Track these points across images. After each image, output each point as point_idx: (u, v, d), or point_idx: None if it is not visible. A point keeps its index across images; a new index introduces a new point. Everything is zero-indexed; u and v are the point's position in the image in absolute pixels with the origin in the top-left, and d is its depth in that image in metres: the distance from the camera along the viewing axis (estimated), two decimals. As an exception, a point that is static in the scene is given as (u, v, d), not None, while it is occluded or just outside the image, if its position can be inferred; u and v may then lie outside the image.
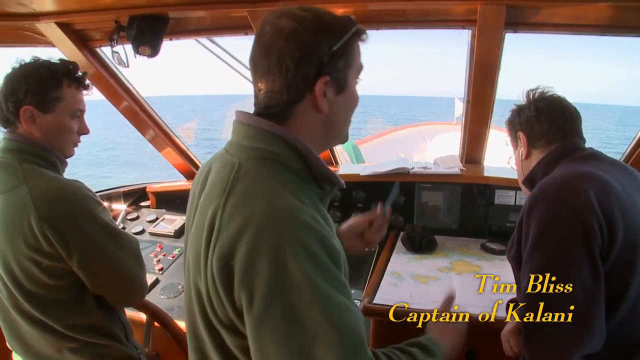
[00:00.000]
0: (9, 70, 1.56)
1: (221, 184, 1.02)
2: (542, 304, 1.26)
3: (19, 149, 1.54)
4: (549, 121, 1.56)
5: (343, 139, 1.17)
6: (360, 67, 1.10)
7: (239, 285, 0.92)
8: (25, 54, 1.59)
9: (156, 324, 1.91)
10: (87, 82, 1.65)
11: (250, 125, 1.06)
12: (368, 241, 1.55)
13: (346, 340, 0.89)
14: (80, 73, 1.63)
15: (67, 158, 1.66)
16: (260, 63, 1.04)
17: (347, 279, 1.04)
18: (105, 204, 2.68)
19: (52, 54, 1.63)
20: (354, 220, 1.56)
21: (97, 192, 2.64)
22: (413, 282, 2.10)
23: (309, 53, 1.01)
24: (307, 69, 1.02)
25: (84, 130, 1.67)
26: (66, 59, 1.64)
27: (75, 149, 1.69)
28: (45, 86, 1.54)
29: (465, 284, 2.07)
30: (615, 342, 1.30)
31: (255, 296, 0.89)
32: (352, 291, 2.18)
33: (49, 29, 2.30)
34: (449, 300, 1.41)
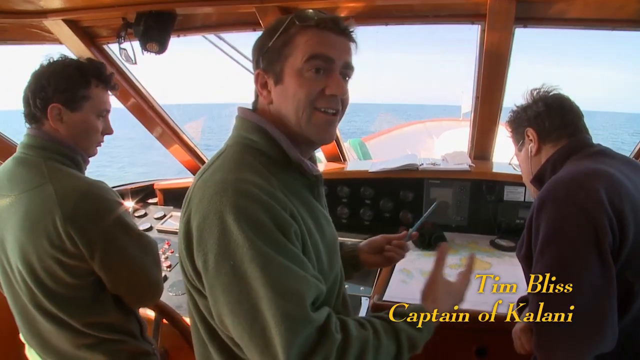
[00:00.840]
0: (36, 68, 1.57)
1: (206, 164, 1.17)
2: (553, 304, 1.25)
3: (44, 146, 1.55)
4: (559, 115, 1.55)
5: (308, 133, 1.16)
6: (307, 56, 1.11)
7: (196, 248, 1.02)
8: (33, 51, 1.60)
9: (164, 320, 1.91)
10: (114, 82, 1.67)
11: (238, 116, 1.22)
12: (389, 258, 1.61)
13: (283, 300, 0.94)
14: (108, 73, 1.65)
15: (89, 157, 1.67)
16: None
17: (326, 267, 1.16)
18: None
19: (59, 51, 1.62)
20: (375, 237, 1.64)
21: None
22: (422, 279, 2.05)
23: (254, 51, 1.22)
24: (254, 65, 1.22)
25: (109, 131, 1.69)
26: (92, 58, 1.68)
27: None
28: (74, 85, 1.55)
29: (475, 281, 2.06)
30: (628, 342, 1.29)
31: (208, 257, 0.99)
32: (361, 288, 2.19)
33: (56, 26, 2.30)
34: (471, 260, 1.44)
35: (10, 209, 1.51)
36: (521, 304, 1.66)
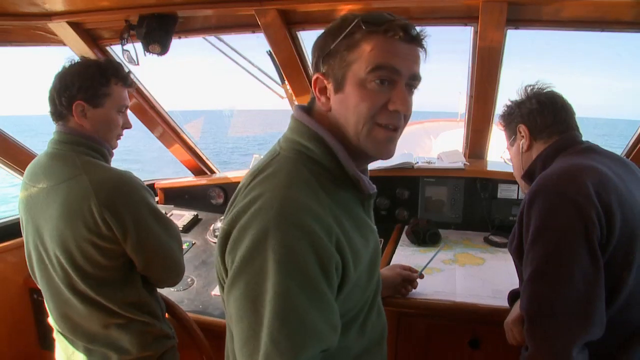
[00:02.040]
0: (59, 69, 1.69)
1: (258, 166, 1.10)
2: (543, 294, 1.30)
3: (73, 141, 1.68)
4: (551, 113, 1.58)
5: (366, 148, 1.09)
6: (372, 66, 1.03)
7: (229, 250, 1.00)
8: (36, 52, 1.67)
9: (167, 315, 1.95)
10: (131, 80, 1.80)
11: (293, 118, 1.15)
12: (400, 291, 1.88)
13: (280, 343, 0.90)
14: (126, 72, 1.77)
15: (112, 149, 1.80)
16: None
17: (364, 281, 1.13)
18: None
19: (63, 53, 1.71)
20: (387, 274, 1.83)
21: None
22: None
23: (315, 51, 1.12)
24: (313, 66, 1.14)
25: (128, 125, 1.82)
26: (111, 59, 1.84)
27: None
28: (96, 83, 1.68)
29: (468, 275, 2.11)
30: (615, 330, 1.32)
31: (234, 264, 0.96)
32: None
33: (60, 28, 2.36)
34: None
35: (46, 199, 1.64)
36: (513, 296, 1.70)
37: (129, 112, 1.82)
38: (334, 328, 0.99)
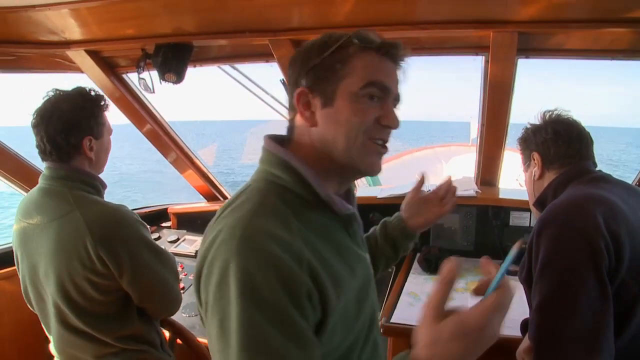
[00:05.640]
0: (49, 108, 1.66)
1: (230, 199, 1.07)
2: (550, 324, 1.28)
3: (66, 176, 1.66)
4: (565, 144, 1.59)
5: (358, 162, 1.07)
6: (365, 82, 1.03)
7: (202, 288, 0.96)
8: (48, 79, 1.69)
9: (179, 341, 1.96)
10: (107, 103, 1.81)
11: (264, 148, 1.11)
12: (437, 213, 1.54)
13: None
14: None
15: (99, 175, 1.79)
16: None
17: (352, 314, 1.05)
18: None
19: (79, 80, 1.73)
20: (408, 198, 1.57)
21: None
22: (429, 303, 2.11)
23: (294, 67, 1.10)
24: (292, 82, 1.11)
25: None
26: (83, 88, 1.77)
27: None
28: (96, 115, 1.71)
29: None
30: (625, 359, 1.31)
31: (207, 301, 0.93)
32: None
33: (78, 56, 2.41)
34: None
35: (41, 236, 1.63)
36: (524, 325, 1.68)
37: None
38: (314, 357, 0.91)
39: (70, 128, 1.64)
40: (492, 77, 2.28)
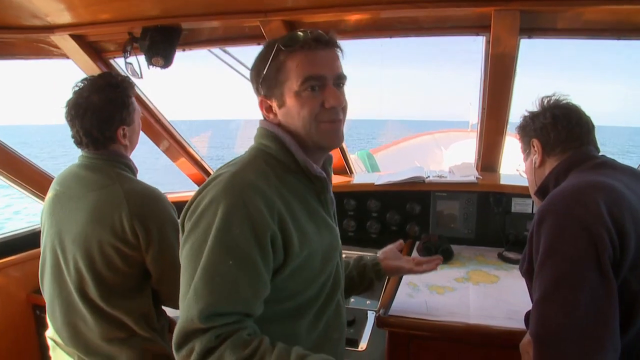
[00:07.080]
0: (82, 103, 1.73)
1: (228, 162, 1.32)
2: (551, 318, 1.23)
3: (109, 158, 1.78)
4: (565, 129, 1.53)
5: (319, 141, 1.28)
6: (301, 79, 1.22)
7: (187, 217, 1.20)
8: (36, 65, 1.67)
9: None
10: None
11: (259, 126, 1.36)
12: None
13: (200, 292, 1.08)
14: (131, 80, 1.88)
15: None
16: None
17: (316, 270, 1.29)
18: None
19: (66, 66, 1.69)
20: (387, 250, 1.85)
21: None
22: (429, 293, 2.06)
23: (252, 79, 1.33)
24: (254, 91, 1.34)
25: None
26: (111, 73, 1.86)
27: None
28: (126, 104, 1.78)
29: (482, 294, 2.03)
30: (632, 357, 1.26)
31: (187, 228, 1.18)
32: (368, 302, 2.19)
33: (63, 41, 2.34)
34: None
35: (76, 206, 1.72)
36: (529, 318, 1.63)
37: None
38: (257, 295, 1.14)
39: (104, 122, 1.73)
40: (493, 59, 2.22)
